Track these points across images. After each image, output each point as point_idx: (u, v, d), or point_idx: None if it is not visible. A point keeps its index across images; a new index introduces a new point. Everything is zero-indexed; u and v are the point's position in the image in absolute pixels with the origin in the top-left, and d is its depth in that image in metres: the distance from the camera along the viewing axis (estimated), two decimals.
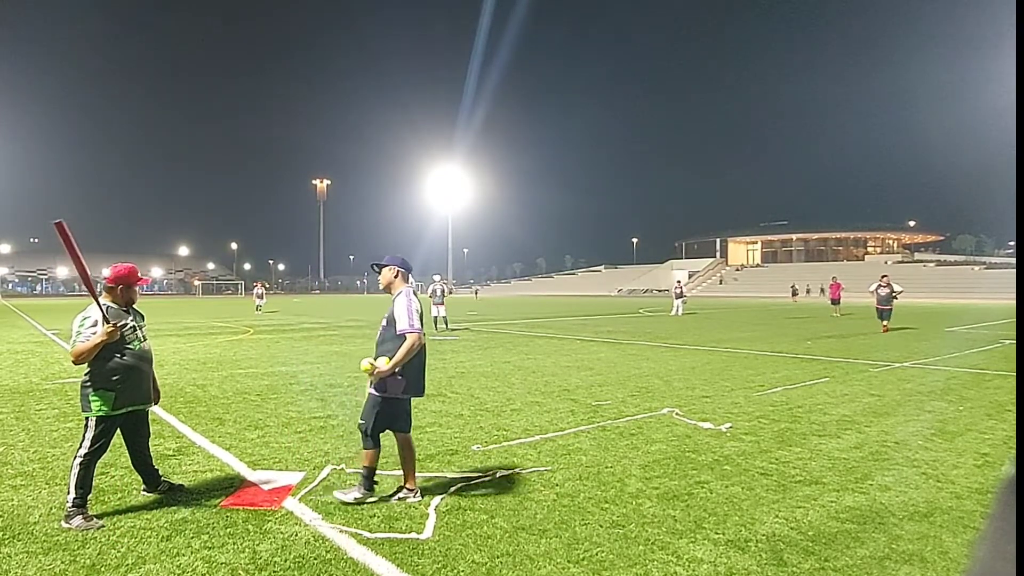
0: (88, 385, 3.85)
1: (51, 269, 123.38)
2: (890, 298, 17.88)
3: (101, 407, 3.83)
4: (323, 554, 3.30)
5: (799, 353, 12.55)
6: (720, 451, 5.25)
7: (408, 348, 3.97)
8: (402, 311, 4.04)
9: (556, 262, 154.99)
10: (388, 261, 4.35)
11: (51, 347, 14.32)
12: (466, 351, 13.30)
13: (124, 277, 4.03)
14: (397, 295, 4.19)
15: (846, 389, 8.25)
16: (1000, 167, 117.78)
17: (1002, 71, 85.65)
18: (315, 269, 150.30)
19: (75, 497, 3.72)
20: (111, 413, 3.87)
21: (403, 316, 4.03)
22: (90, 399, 3.84)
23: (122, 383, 3.87)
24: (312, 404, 7.39)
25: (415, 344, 3.99)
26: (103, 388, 3.83)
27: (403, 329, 4.00)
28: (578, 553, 3.30)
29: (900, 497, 4.15)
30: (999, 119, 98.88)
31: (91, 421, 3.85)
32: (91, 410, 3.84)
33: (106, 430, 3.88)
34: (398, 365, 3.98)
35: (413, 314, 4.03)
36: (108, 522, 3.72)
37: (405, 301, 4.09)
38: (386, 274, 4.33)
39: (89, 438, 3.83)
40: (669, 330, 19.28)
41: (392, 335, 4.07)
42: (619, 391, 8.18)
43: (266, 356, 12.56)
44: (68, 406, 7.25)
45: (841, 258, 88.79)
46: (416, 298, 4.20)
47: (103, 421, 3.86)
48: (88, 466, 3.81)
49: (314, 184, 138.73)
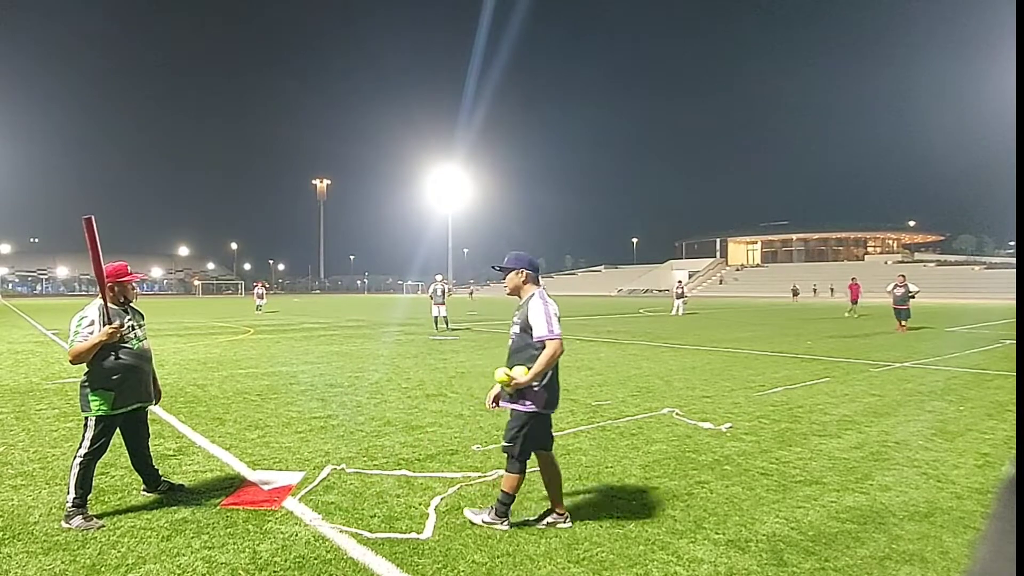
0: (87, 385, 3.85)
1: (51, 269, 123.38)
2: (906, 298, 18.00)
3: (100, 406, 3.83)
4: (323, 554, 3.30)
5: (799, 353, 12.54)
6: (720, 451, 5.25)
7: (550, 356, 3.59)
8: (539, 316, 3.66)
9: (556, 262, 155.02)
10: (513, 263, 3.86)
11: (51, 347, 14.32)
12: (466, 351, 13.29)
13: (112, 275, 4.00)
14: (530, 299, 3.77)
15: (847, 389, 8.25)
16: (1000, 167, 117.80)
17: (1002, 71, 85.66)
18: (315, 269, 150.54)
19: (75, 497, 3.72)
20: (110, 413, 3.86)
21: (541, 322, 3.64)
22: (89, 399, 3.83)
23: (121, 383, 3.87)
24: (312, 404, 7.39)
25: (557, 352, 3.62)
26: (102, 388, 3.83)
27: (543, 336, 3.62)
28: (578, 553, 3.30)
29: (900, 497, 4.15)
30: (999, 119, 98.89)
31: (90, 421, 3.85)
32: (90, 410, 3.83)
33: (105, 430, 3.88)
34: (538, 376, 3.60)
35: (552, 319, 3.66)
36: (108, 522, 3.72)
37: (541, 305, 3.70)
38: (512, 278, 3.86)
39: (89, 438, 3.82)
40: (669, 330, 19.27)
41: (528, 342, 3.67)
42: (619, 391, 8.17)
43: (266, 356, 12.56)
44: (68, 406, 7.25)
45: (841, 258, 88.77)
46: (551, 301, 3.80)
47: (102, 421, 3.85)
48: (88, 466, 3.80)
49: (314, 184, 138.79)
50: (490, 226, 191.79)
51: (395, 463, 4.95)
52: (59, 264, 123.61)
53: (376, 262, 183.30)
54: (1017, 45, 1.04)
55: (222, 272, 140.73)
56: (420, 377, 9.50)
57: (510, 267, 3.86)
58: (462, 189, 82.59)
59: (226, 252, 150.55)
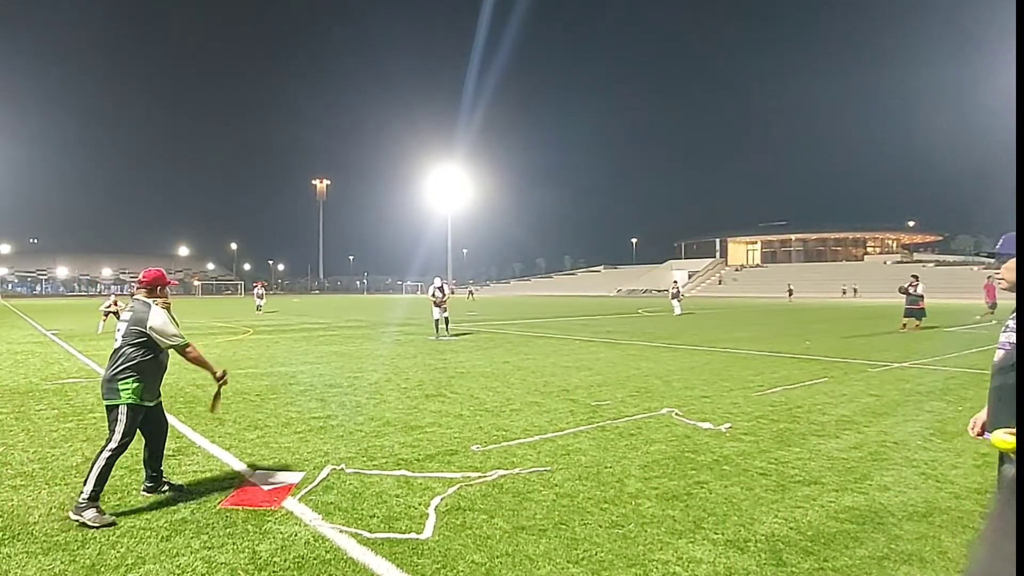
0: (119, 376, 3.98)
1: (51, 269, 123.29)
2: (917, 298, 18.11)
3: (131, 396, 3.97)
4: (323, 554, 3.31)
5: (798, 353, 12.55)
6: (719, 451, 5.25)
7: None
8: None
9: (555, 262, 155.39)
10: (1010, 247, 2.59)
11: (51, 347, 14.31)
12: (466, 351, 13.30)
13: (160, 278, 4.34)
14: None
15: (845, 389, 8.26)
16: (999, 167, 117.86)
17: (1002, 71, 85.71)
18: (315, 269, 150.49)
19: (92, 490, 3.75)
20: (139, 403, 4.01)
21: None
22: (120, 388, 3.96)
23: (151, 377, 4.12)
24: (312, 404, 7.39)
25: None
26: (135, 378, 4.00)
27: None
28: (577, 553, 3.31)
29: (899, 497, 4.15)
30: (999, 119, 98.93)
31: (122, 411, 3.95)
32: (120, 398, 3.95)
33: (136, 420, 4.00)
34: None
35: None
36: None
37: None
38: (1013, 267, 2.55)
39: (121, 430, 3.92)
40: (668, 330, 19.28)
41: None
42: (618, 391, 8.18)
43: (266, 356, 12.56)
44: (68, 406, 7.25)
45: (840, 258, 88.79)
46: None
47: (134, 409, 3.98)
48: (113, 461, 3.90)
49: (314, 184, 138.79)
50: (490, 226, 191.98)
51: (394, 463, 4.95)
52: (59, 264, 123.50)
53: (376, 262, 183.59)
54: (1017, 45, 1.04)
55: (222, 272, 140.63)
56: (419, 377, 9.51)
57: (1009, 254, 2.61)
58: (462, 189, 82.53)
59: (226, 252, 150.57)
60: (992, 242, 2.77)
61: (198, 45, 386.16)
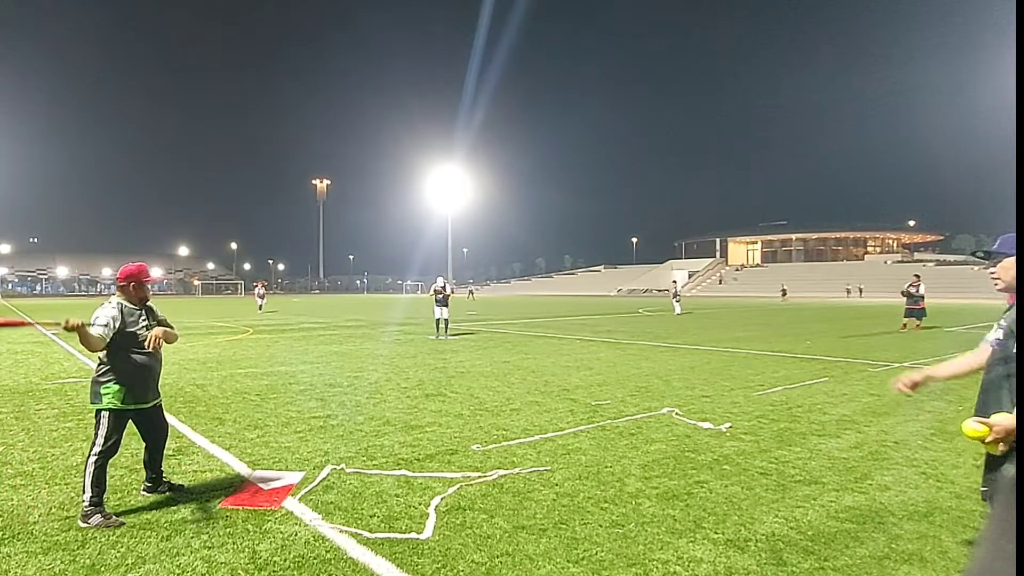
0: (100, 379, 3.92)
1: (51, 269, 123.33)
2: (918, 298, 18.22)
3: (111, 400, 3.89)
4: (323, 554, 3.31)
5: (798, 353, 12.55)
6: (720, 451, 5.25)
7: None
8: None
9: (555, 262, 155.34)
10: (1006, 247, 2.55)
11: (51, 347, 14.31)
12: (466, 351, 13.30)
13: (134, 275, 4.13)
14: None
15: (845, 389, 8.26)
16: (999, 167, 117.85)
17: (1002, 71, 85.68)
18: (315, 269, 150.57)
19: (91, 496, 3.74)
20: (120, 407, 3.93)
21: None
22: (101, 392, 3.90)
23: (133, 379, 3.96)
24: (312, 404, 7.39)
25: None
26: (114, 382, 3.90)
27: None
28: (577, 553, 3.30)
29: (899, 497, 4.15)
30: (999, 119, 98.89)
31: (103, 415, 3.90)
32: (101, 402, 3.89)
33: (118, 425, 3.93)
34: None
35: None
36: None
37: None
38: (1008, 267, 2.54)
39: (102, 434, 3.87)
40: (668, 330, 19.28)
41: (1009, 354, 2.42)
42: (618, 391, 8.18)
43: (265, 356, 12.56)
44: (68, 406, 7.25)
45: (841, 258, 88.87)
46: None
47: (114, 414, 3.91)
48: (102, 465, 3.85)
49: (314, 184, 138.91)
50: (490, 226, 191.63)
51: (394, 463, 4.95)
52: (59, 264, 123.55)
53: (376, 262, 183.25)
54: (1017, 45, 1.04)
55: (222, 272, 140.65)
56: (419, 377, 9.51)
57: (1005, 253, 2.56)
58: (462, 189, 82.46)
59: (226, 252, 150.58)
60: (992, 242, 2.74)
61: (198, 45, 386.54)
